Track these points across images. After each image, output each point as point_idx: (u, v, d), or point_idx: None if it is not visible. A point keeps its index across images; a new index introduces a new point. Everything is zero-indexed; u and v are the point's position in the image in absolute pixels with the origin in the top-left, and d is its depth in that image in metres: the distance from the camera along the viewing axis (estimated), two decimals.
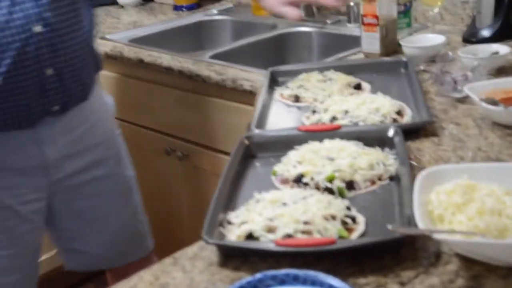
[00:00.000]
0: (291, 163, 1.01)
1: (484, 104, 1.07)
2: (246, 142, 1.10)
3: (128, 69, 1.86)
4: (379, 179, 0.97)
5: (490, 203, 0.77)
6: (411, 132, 1.08)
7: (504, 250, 0.69)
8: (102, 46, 1.91)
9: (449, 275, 0.73)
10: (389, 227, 0.78)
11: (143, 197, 1.93)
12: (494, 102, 1.06)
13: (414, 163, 0.99)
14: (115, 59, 1.86)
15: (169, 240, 1.92)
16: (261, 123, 1.21)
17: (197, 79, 1.63)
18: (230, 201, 0.94)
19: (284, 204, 0.87)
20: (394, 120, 1.14)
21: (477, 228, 0.74)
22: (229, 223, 0.88)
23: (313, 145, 1.05)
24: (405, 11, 1.59)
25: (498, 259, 0.71)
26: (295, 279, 0.72)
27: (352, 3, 1.87)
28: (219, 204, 0.90)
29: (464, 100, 1.22)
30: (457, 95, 1.22)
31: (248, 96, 1.52)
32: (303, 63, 1.85)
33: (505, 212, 0.76)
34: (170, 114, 1.78)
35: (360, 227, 0.85)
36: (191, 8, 2.30)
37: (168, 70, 1.70)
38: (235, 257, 0.81)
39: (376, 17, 1.50)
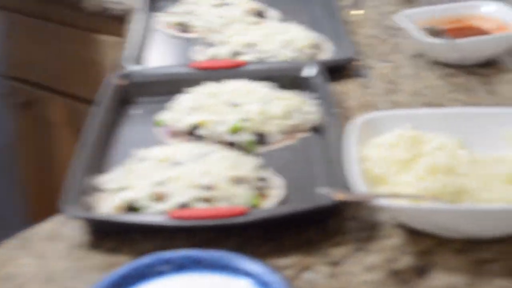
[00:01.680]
0: (182, 110, 0.94)
1: (423, 36, 1.04)
2: (120, 82, 1.01)
3: None
4: (298, 130, 0.93)
5: (442, 158, 0.75)
6: (333, 72, 1.05)
7: (464, 216, 0.67)
8: None
9: (392, 252, 0.70)
10: (320, 190, 0.73)
11: None
12: (438, 33, 1.04)
13: (338, 110, 0.95)
14: None
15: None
16: (138, 59, 1.13)
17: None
18: (99, 161, 0.85)
19: (177, 163, 0.81)
20: (312, 56, 1.11)
21: (428, 191, 0.71)
22: (100, 189, 0.79)
23: (211, 87, 0.99)
24: None
25: (454, 229, 0.69)
26: (197, 262, 0.66)
27: None
28: (83, 164, 0.81)
29: (396, 33, 1.20)
30: None
31: (116, 24, 1.43)
32: None
33: (460, 170, 0.74)
34: (5, 48, 1.65)
35: (277, 192, 0.80)
36: None
37: None
38: (110, 235, 0.74)
39: None
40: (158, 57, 1.17)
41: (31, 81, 1.65)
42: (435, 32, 1.05)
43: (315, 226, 0.74)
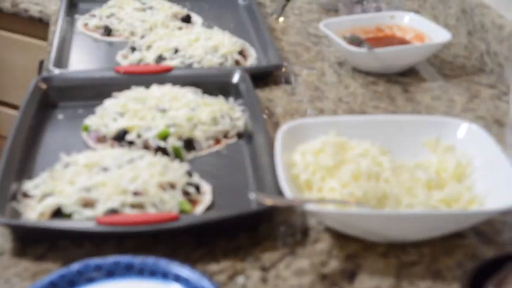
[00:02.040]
0: (109, 115, 0.94)
1: (344, 45, 1.08)
2: (43, 86, 1.00)
3: None
4: (225, 136, 0.94)
5: (366, 164, 0.78)
6: (258, 78, 1.07)
7: (387, 221, 0.70)
8: None
9: (321, 256, 0.72)
10: (251, 196, 0.75)
11: None
12: (359, 42, 1.07)
13: (265, 116, 0.97)
14: None
15: None
16: (61, 62, 1.11)
17: None
18: (24, 166, 0.84)
19: (105, 169, 0.80)
20: (237, 63, 1.13)
21: (353, 196, 0.74)
22: (26, 195, 0.79)
23: (138, 91, 0.99)
24: None
25: (378, 233, 0.72)
26: (128, 268, 0.66)
27: None
28: (9, 169, 0.80)
29: (318, 41, 1.24)
30: None
31: (35, 25, 1.41)
32: None
33: (382, 176, 0.77)
34: None
35: (206, 198, 0.81)
36: None
37: None
38: (37, 242, 0.73)
39: None
40: (82, 60, 1.17)
41: None
42: (356, 41, 1.09)
43: (246, 231, 0.76)
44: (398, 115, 0.97)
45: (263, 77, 1.09)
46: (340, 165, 0.79)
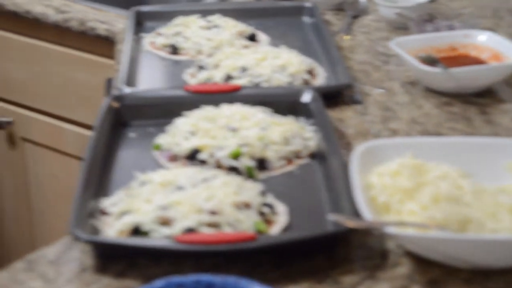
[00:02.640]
0: (181, 134, 0.97)
1: (418, 64, 1.09)
2: (115, 104, 1.03)
3: None
4: (297, 156, 0.96)
5: (446, 188, 0.79)
6: (328, 97, 1.09)
7: (470, 246, 0.71)
8: None
9: (401, 281, 0.73)
10: (331, 217, 0.77)
11: None
12: (433, 61, 1.09)
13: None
14: None
15: None
16: (130, 81, 1.15)
17: (27, 17, 1.53)
18: (100, 184, 0.88)
19: (180, 188, 0.83)
20: (305, 82, 1.14)
21: (433, 220, 0.75)
22: (103, 212, 0.82)
23: (208, 110, 1.01)
24: None
25: (461, 259, 0.72)
26: (209, 287, 0.68)
27: None
28: (87, 187, 0.84)
29: (388, 59, 1.25)
30: None
31: (101, 44, 1.46)
32: (177, 3, 1.80)
33: (463, 199, 0.78)
34: None
35: (281, 219, 0.83)
36: None
37: None
38: (117, 259, 0.76)
39: None
40: (150, 79, 1.20)
41: (12, 100, 1.65)
42: (430, 61, 1.10)
43: (322, 253, 0.77)
44: (477, 137, 0.97)
45: (332, 97, 1.11)
46: (418, 187, 0.80)
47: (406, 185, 0.80)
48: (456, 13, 1.34)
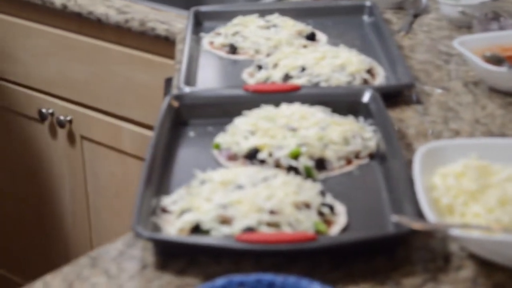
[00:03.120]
0: (240, 133, 0.97)
1: (482, 64, 1.08)
2: (175, 104, 1.04)
3: None
4: (356, 156, 0.96)
5: None
6: (388, 97, 1.08)
7: None
8: None
9: (465, 284, 0.72)
10: (394, 218, 0.76)
11: (7, 176, 1.87)
12: (498, 61, 1.07)
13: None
14: None
15: (44, 235, 1.86)
16: (190, 80, 1.16)
17: (90, 17, 1.56)
18: (161, 182, 0.89)
19: (240, 187, 0.83)
20: (365, 81, 1.14)
21: (499, 223, 0.74)
22: (164, 210, 0.83)
23: (267, 110, 1.02)
24: None
25: None
26: (270, 286, 0.68)
27: None
28: (149, 185, 0.85)
29: (450, 59, 1.24)
30: None
31: (161, 43, 1.48)
32: (236, 3, 1.81)
33: None
34: (47, 65, 1.70)
35: (341, 219, 0.83)
36: None
37: (46, 3, 1.62)
38: (177, 256, 0.77)
39: None
40: (209, 78, 1.21)
41: (72, 99, 1.69)
42: (495, 60, 1.08)
43: (382, 254, 0.77)
44: None
45: (392, 97, 1.10)
46: (484, 189, 0.79)
47: (471, 187, 0.79)
48: None
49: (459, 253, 0.77)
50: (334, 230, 0.81)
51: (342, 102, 1.05)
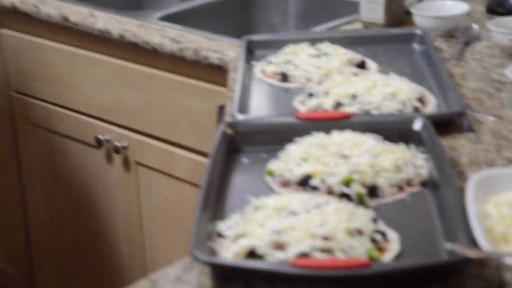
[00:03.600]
0: (293, 160, 0.99)
1: None
2: (229, 131, 1.06)
3: (45, 29, 1.80)
4: (408, 184, 0.96)
5: None
6: (438, 125, 1.08)
7: None
8: None
9: None
10: (448, 246, 0.77)
11: (64, 201, 1.91)
12: None
13: None
14: (27, 15, 1.79)
15: (100, 257, 1.89)
16: (243, 108, 1.18)
17: (145, 47, 1.59)
18: (217, 208, 0.91)
19: (293, 213, 0.85)
20: (416, 109, 1.14)
21: None
22: (220, 235, 0.85)
23: (319, 137, 1.03)
24: None
25: None
26: None
27: None
28: (205, 211, 0.87)
29: (502, 87, 1.23)
30: None
31: (214, 72, 1.50)
32: (286, 31, 1.84)
33: None
34: (104, 93, 1.74)
35: (393, 246, 0.83)
36: None
37: (104, 33, 1.66)
38: (233, 280, 0.79)
39: None
40: (261, 106, 1.23)
41: (127, 125, 1.72)
42: None
43: (435, 282, 0.77)
44: None
45: (444, 125, 1.10)
46: None
47: None
48: None
49: None
50: (387, 257, 0.81)
51: (393, 130, 1.06)
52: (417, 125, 1.06)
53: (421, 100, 1.16)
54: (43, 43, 1.82)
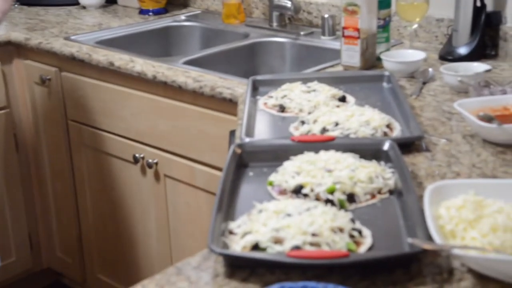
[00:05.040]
0: (288, 173, 0.99)
1: (477, 121, 1.09)
2: (238, 151, 1.07)
3: (95, 72, 1.81)
4: (379, 192, 0.97)
5: (502, 219, 0.78)
6: (403, 147, 1.09)
7: None
8: (67, 47, 1.85)
9: None
10: (410, 240, 0.78)
11: (108, 205, 1.92)
12: (489, 119, 1.08)
13: None
14: (82, 61, 1.81)
15: (136, 252, 1.89)
16: (249, 132, 1.19)
17: (172, 85, 1.60)
18: (228, 211, 0.91)
19: (288, 215, 0.85)
20: (385, 134, 1.15)
21: (491, 245, 0.74)
22: (231, 232, 0.85)
23: (309, 156, 1.04)
24: (384, 26, 1.61)
25: None
26: None
27: (326, 15, 1.88)
28: (219, 213, 0.87)
29: (451, 116, 1.24)
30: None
31: (226, 104, 1.51)
32: (285, 73, 1.86)
33: None
34: (140, 120, 1.75)
35: (367, 241, 0.84)
36: (158, 12, 2.26)
37: (141, 74, 1.67)
38: (241, 268, 0.79)
39: (358, 30, 1.52)
40: (264, 131, 1.24)
41: (158, 146, 1.72)
42: (487, 118, 1.09)
43: (400, 268, 0.78)
44: None
45: (407, 146, 1.11)
46: (479, 219, 0.80)
47: (469, 217, 0.80)
48: (508, 80, 1.32)
49: (460, 268, 0.77)
50: (362, 249, 0.82)
51: (368, 150, 1.06)
52: (386, 146, 1.07)
53: (389, 126, 1.17)
54: (94, 83, 1.84)
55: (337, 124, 1.16)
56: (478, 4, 1.58)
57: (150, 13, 2.25)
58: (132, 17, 2.22)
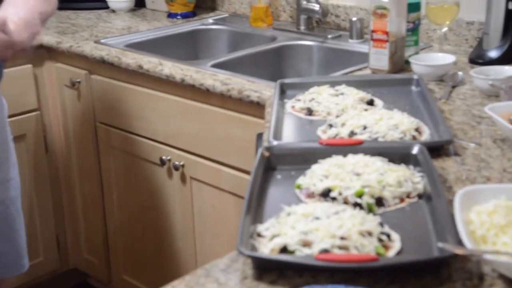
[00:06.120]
0: (316, 176, 1.00)
1: (509, 125, 1.08)
2: (266, 154, 1.08)
3: (124, 75, 1.83)
4: (407, 196, 0.97)
5: None
6: (432, 151, 1.08)
7: None
8: (97, 50, 1.88)
9: None
10: (440, 245, 0.77)
11: (135, 207, 1.94)
12: None
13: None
14: (112, 64, 1.83)
15: (162, 253, 1.90)
16: (277, 135, 1.20)
17: (200, 88, 1.61)
18: (257, 213, 0.92)
19: (317, 218, 0.85)
20: (414, 138, 1.14)
21: None
22: (259, 235, 0.86)
23: (337, 159, 1.04)
24: (414, 29, 1.60)
25: None
26: None
27: (354, 18, 1.88)
28: (248, 216, 0.88)
29: (481, 120, 1.23)
30: None
31: (254, 107, 1.51)
32: (313, 76, 1.86)
33: None
34: (168, 123, 1.76)
35: (396, 245, 0.84)
36: (186, 16, 2.28)
37: (169, 77, 1.68)
38: (269, 270, 0.80)
39: (386, 33, 1.52)
40: (291, 134, 1.24)
41: (185, 149, 1.73)
42: None
43: (429, 273, 0.78)
44: None
45: (436, 150, 1.11)
46: (511, 224, 0.79)
47: (501, 222, 0.79)
48: None
49: (491, 274, 0.77)
50: (391, 253, 0.82)
51: (396, 154, 1.06)
52: (415, 150, 1.06)
53: (417, 130, 1.17)
54: (123, 85, 1.86)
55: (365, 127, 1.16)
56: (510, 7, 1.56)
57: (179, 17, 2.27)
58: (160, 21, 2.25)
